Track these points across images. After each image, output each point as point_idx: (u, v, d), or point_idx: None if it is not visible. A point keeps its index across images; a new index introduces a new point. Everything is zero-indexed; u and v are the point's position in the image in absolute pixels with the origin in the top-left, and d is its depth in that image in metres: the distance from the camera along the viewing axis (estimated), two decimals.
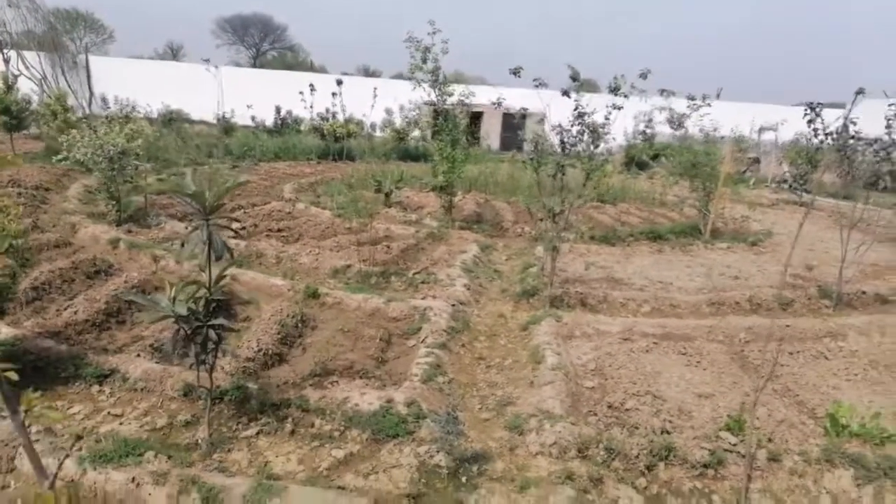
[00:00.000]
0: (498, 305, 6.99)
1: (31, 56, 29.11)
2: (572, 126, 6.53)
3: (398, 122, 22.33)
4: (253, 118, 22.62)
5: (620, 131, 22.56)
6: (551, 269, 6.83)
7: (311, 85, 20.24)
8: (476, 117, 27.17)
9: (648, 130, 21.20)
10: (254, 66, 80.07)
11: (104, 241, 8.01)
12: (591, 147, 6.51)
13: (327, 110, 21.91)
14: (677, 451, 3.94)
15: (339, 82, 17.99)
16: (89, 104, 28.17)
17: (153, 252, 7.51)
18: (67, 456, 3.16)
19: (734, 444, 4.10)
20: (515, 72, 7.03)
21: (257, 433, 3.95)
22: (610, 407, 4.58)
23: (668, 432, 4.25)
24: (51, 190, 11.24)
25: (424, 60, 9.97)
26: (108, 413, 4.07)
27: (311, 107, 20.33)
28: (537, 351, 5.44)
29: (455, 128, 10.49)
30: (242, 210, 10.60)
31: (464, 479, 3.66)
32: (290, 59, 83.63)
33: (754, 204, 15.58)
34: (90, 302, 5.63)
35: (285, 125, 23.15)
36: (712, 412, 4.64)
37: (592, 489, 3.60)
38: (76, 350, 4.73)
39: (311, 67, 78.74)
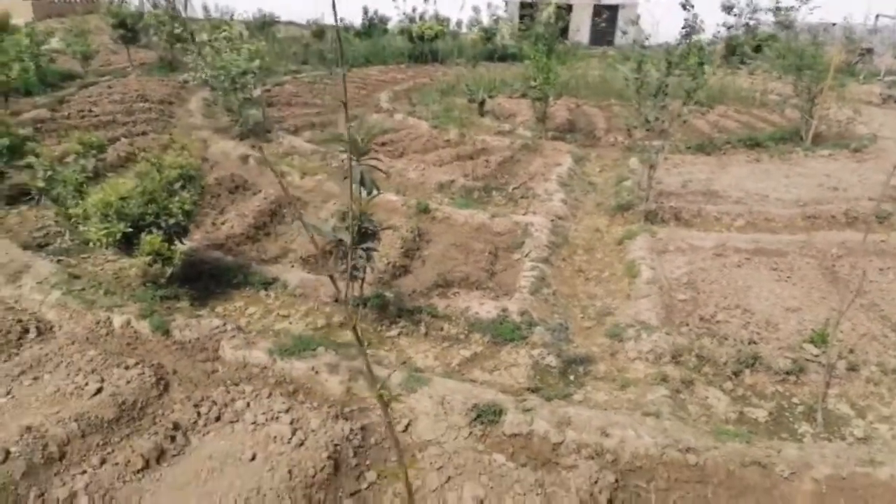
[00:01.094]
0: (594, 219, 7.47)
1: None
2: (678, 45, 6.61)
3: (485, 20, 21.95)
4: (341, 19, 22.79)
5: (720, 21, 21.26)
6: (648, 184, 7.16)
7: None
8: (565, 10, 26.15)
9: (751, 22, 19.93)
10: None
11: (234, 157, 8.93)
12: (697, 67, 6.58)
13: (414, 10, 21.76)
14: (762, 359, 4.48)
15: None
16: (185, 7, 29.05)
17: (280, 168, 8.36)
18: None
19: (816, 355, 4.58)
20: None
21: (398, 334, 4.78)
22: (701, 319, 5.11)
23: (755, 343, 4.76)
24: (174, 103, 12.26)
25: None
26: (278, 314, 4.99)
27: (403, 13, 20.30)
28: (633, 265, 5.96)
29: (551, 37, 10.50)
30: (350, 123, 11.24)
31: (572, 378, 4.38)
32: None
33: (862, 103, 14.77)
34: (241, 217, 6.56)
35: (372, 26, 23.23)
36: (798, 325, 5.08)
37: (684, 390, 4.24)
38: (241, 260, 5.67)
39: None
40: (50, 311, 4.73)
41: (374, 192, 4.43)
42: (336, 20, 2.05)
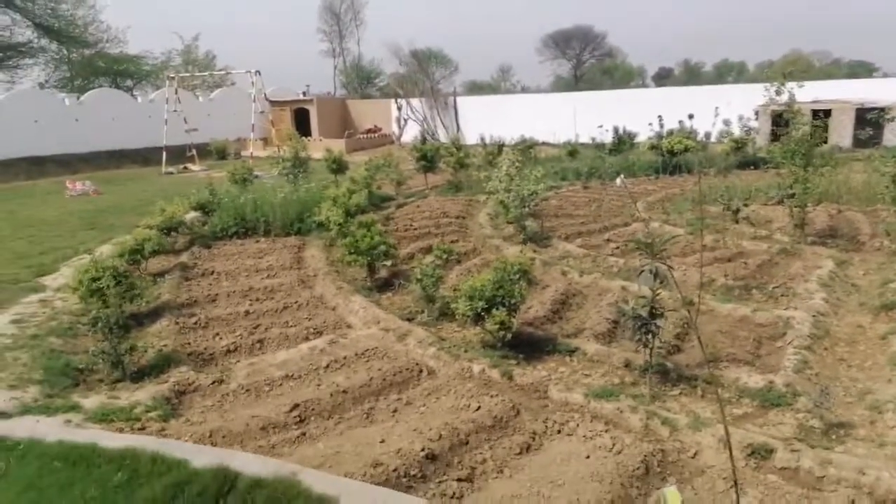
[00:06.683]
0: (856, 317, 8.06)
1: (415, 102, 36.54)
2: None
3: (736, 131, 22.76)
4: (593, 139, 25.38)
5: None
6: None
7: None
8: (822, 115, 25.72)
9: None
10: (574, 76, 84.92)
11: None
12: None
13: (661, 125, 23.40)
14: None
15: (691, 116, 20.21)
16: (459, 136, 34.65)
17: (561, 268, 10.37)
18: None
19: None
20: None
21: (679, 394, 6.16)
22: None
23: None
24: (465, 217, 15.30)
25: (778, 93, 11.14)
26: (582, 373, 6.70)
27: (661, 136, 22.08)
28: None
29: (809, 149, 11.31)
30: (611, 232, 13.07)
31: (833, 437, 5.32)
32: (608, 64, 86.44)
33: None
34: (541, 304, 8.56)
35: (622, 142, 25.38)
36: None
37: None
38: (547, 334, 7.58)
39: (632, 75, 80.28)
40: (430, 360, 7.04)
41: (664, 282, 6.06)
42: None
